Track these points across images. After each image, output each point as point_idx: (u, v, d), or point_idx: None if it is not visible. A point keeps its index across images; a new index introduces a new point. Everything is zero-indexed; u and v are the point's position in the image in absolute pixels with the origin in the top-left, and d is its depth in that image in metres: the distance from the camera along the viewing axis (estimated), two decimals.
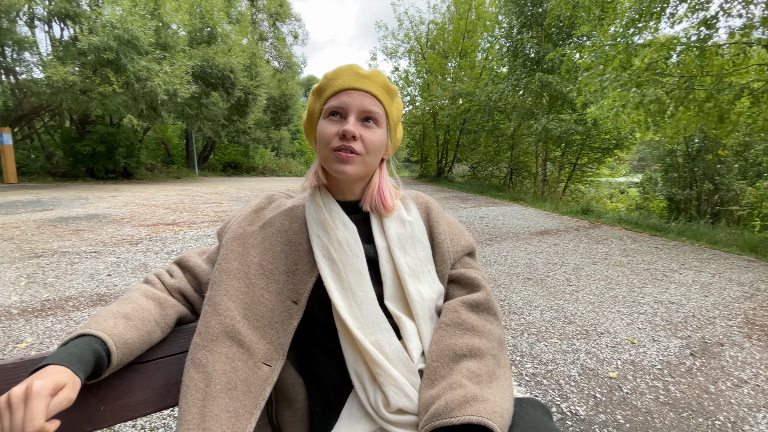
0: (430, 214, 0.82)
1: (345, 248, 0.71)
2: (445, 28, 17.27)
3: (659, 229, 6.19)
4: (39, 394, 0.47)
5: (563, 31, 10.82)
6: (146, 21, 9.44)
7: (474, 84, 14.31)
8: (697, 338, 2.37)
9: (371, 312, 0.68)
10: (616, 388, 1.83)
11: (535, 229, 5.98)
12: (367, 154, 0.71)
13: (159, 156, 19.69)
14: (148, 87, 9.60)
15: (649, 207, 12.14)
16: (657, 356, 2.14)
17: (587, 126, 9.64)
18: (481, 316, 0.71)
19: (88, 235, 4.54)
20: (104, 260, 3.60)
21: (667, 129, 6.32)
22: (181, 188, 10.91)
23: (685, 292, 3.24)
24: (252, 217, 0.79)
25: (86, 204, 6.91)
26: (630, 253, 4.56)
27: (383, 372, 0.62)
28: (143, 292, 0.72)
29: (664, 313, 2.76)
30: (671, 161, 11.36)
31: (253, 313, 0.70)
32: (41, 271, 3.23)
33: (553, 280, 3.45)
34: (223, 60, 12.49)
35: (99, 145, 12.07)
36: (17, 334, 2.20)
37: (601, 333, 2.42)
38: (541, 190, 12.18)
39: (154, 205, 7.08)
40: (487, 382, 0.61)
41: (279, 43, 22.69)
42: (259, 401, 0.66)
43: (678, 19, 5.58)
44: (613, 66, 5.75)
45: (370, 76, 0.72)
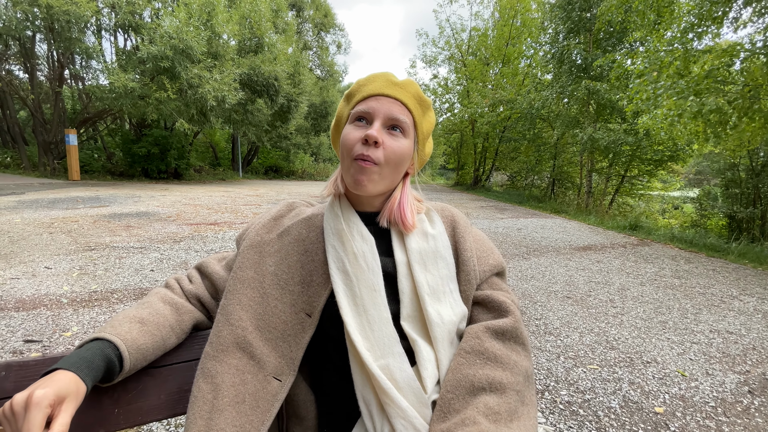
0: (456, 228, 0.77)
1: (360, 261, 0.68)
2: (488, 35, 17.03)
3: (717, 250, 5.68)
4: (38, 404, 0.46)
5: (614, 37, 10.32)
6: (200, 31, 10.03)
7: (516, 91, 13.97)
8: (757, 374, 2.12)
9: (384, 333, 0.64)
10: (662, 425, 1.66)
11: (577, 244, 5.67)
12: (387, 164, 0.67)
13: (207, 159, 20.81)
14: (199, 93, 10.16)
15: (706, 225, 11.23)
16: (710, 392, 1.93)
17: (638, 136, 9.09)
18: (507, 345, 0.65)
19: (137, 231, 4.83)
20: (149, 256, 3.80)
21: (728, 141, 5.82)
22: (225, 190, 11.42)
23: (746, 321, 2.92)
24: (270, 225, 0.77)
25: (138, 202, 7.38)
26: (683, 275, 4.21)
27: (391, 402, 0.58)
28: (162, 297, 0.72)
29: (721, 344, 2.50)
30: (733, 176, 10.45)
31: (266, 324, 0.68)
32: (92, 264, 3.45)
33: (595, 300, 3.24)
34: (269, 68, 13.01)
35: (153, 147, 12.92)
36: (65, 323, 2.35)
37: (647, 362, 2.22)
38: (586, 203, 11.61)
39: (199, 205, 7.43)
40: (506, 421, 0.55)
41: (322, 52, 23.35)
42: (267, 417, 0.64)
43: (742, 24, 5.14)
44: (668, 73, 5.38)
45: (402, 85, 0.69)
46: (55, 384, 0.50)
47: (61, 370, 0.53)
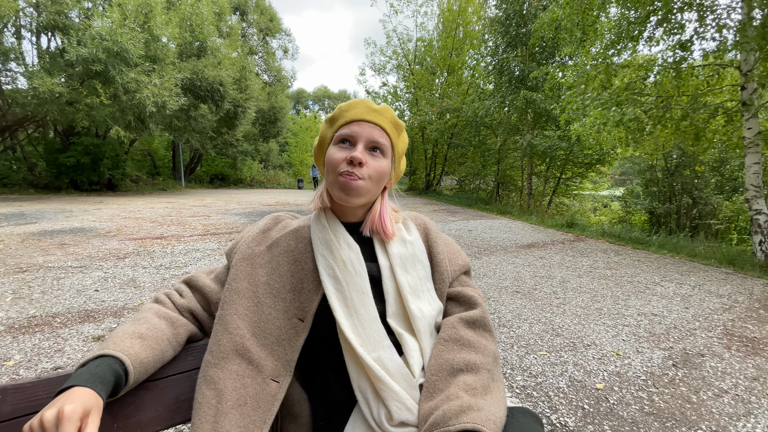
0: (428, 234, 0.88)
1: (349, 268, 0.76)
2: (433, 45, 17.70)
3: (641, 242, 6.37)
4: (70, 418, 0.50)
5: (546, 51, 11.21)
6: (136, 33, 9.45)
7: (461, 100, 14.64)
8: (678, 349, 2.46)
9: (374, 330, 0.72)
10: (603, 399, 1.89)
11: (522, 243, 6.09)
12: (369, 180, 0.76)
13: (145, 168, 19.48)
14: (137, 99, 9.56)
15: (631, 220, 12.48)
16: (641, 367, 2.21)
17: (571, 142, 9.94)
18: (477, 332, 0.76)
19: (74, 249, 4.47)
20: (91, 275, 3.54)
21: (646, 146, 6.57)
22: (167, 201, 10.79)
23: (667, 304, 3.34)
24: (259, 238, 0.83)
25: (71, 217, 6.78)
26: (614, 266, 4.69)
27: (386, 387, 0.66)
28: (156, 312, 0.75)
29: (647, 325, 2.85)
30: (651, 176, 11.75)
31: (262, 331, 0.73)
32: (27, 287, 3.16)
33: (540, 293, 3.53)
34: (213, 73, 12.54)
35: (83, 156, 11.90)
36: (4, 352, 2.16)
37: (587, 345, 2.49)
38: (527, 204, 12.42)
39: (141, 218, 6.99)
40: (482, 394, 0.65)
41: (269, 57, 22.86)
42: (268, 416, 0.69)
43: (655, 42, 5.86)
44: (594, 86, 5.98)
45: (380, 111, 0.78)
46: (79, 399, 0.52)
47: (78, 386, 0.55)
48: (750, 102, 5.13)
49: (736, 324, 2.91)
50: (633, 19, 5.54)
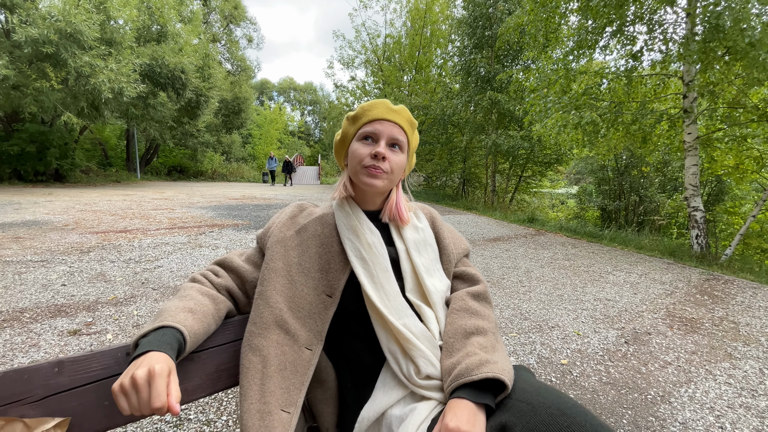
0: (435, 222, 1.00)
1: (374, 250, 0.86)
2: (401, 42, 17.86)
3: (594, 236, 6.89)
4: (161, 374, 0.58)
5: (511, 54, 11.68)
6: (91, 15, 8.86)
7: (429, 98, 14.92)
8: (629, 329, 2.76)
9: (398, 302, 0.83)
10: (567, 373, 2.11)
11: (488, 236, 6.40)
12: (392, 173, 0.87)
13: (95, 158, 18.28)
14: (91, 84, 8.98)
15: (585, 216, 13.33)
16: (598, 345, 2.48)
17: (532, 142, 10.47)
18: (481, 303, 0.89)
19: (31, 242, 4.21)
20: (55, 269, 3.38)
21: (600, 147, 7.09)
22: (124, 193, 10.25)
23: (618, 290, 3.70)
24: (288, 224, 0.92)
25: (20, 209, 6.32)
26: (571, 257, 5.07)
27: (414, 347, 0.78)
28: (198, 289, 0.82)
29: (602, 309, 3.15)
30: (603, 175, 12.60)
31: (296, 305, 0.83)
32: None
33: (508, 282, 3.78)
34: (174, 60, 12.00)
35: (28, 144, 11.04)
36: None
37: (552, 327, 2.73)
38: (491, 200, 12.93)
39: (99, 211, 6.64)
40: (492, 351, 0.79)
41: (232, 46, 22.08)
42: (305, 379, 0.79)
43: (609, 51, 6.33)
44: (555, 90, 6.37)
45: (399, 111, 0.89)
46: (163, 360, 0.60)
47: (153, 351, 0.62)
48: (690, 109, 5.69)
49: (677, 307, 3.29)
50: (591, 29, 5.95)
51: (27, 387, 0.66)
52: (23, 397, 0.65)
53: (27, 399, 0.65)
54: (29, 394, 0.66)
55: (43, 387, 0.67)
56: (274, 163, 19.79)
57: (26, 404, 0.65)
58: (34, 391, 0.66)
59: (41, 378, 0.67)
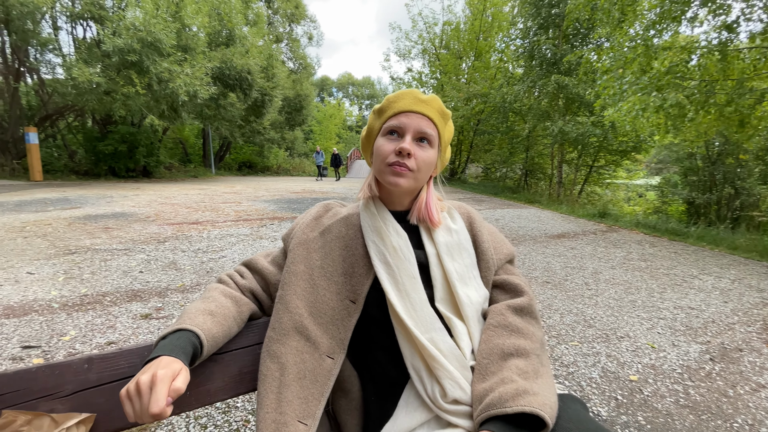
0: (473, 223, 0.89)
1: (399, 254, 0.79)
2: (460, 29, 17.26)
3: (678, 234, 6.13)
4: (163, 380, 0.56)
5: (581, 33, 10.74)
6: (168, 23, 9.69)
7: (489, 85, 14.28)
8: (716, 344, 2.39)
9: (425, 312, 0.75)
10: (636, 391, 1.87)
11: (551, 233, 5.98)
12: (419, 171, 0.78)
13: (177, 155, 20.13)
14: (170, 88, 9.85)
15: (667, 211, 11.97)
16: (677, 360, 2.17)
17: (605, 129, 9.57)
18: (525, 319, 0.77)
19: (117, 233, 4.72)
20: (135, 257, 3.75)
21: (687, 133, 6.26)
22: (199, 187, 11.16)
23: (705, 297, 3.23)
24: (313, 225, 0.87)
25: (112, 202, 7.15)
26: (649, 258, 4.55)
27: (440, 366, 0.70)
28: (222, 291, 0.81)
29: (684, 319, 2.77)
30: (691, 164, 11.18)
31: (317, 311, 0.78)
32: (77, 268, 3.39)
33: (571, 284, 3.48)
34: (241, 61, 12.73)
35: (120, 144, 12.42)
36: (60, 328, 2.34)
37: (621, 337, 2.45)
38: (557, 193, 12.10)
39: (176, 204, 7.28)
40: (533, 378, 0.68)
41: (294, 45, 22.93)
42: (325, 390, 0.74)
43: (699, 22, 5.52)
44: (632, 69, 5.71)
45: (428, 101, 0.79)
46: (168, 366, 0.59)
47: (164, 356, 0.61)
48: None
49: None
50: None
51: (58, 382, 0.68)
52: (54, 392, 0.67)
53: (57, 394, 0.68)
54: (59, 389, 0.68)
55: (73, 383, 0.69)
56: (321, 157, 18.96)
57: (56, 399, 0.67)
58: (65, 387, 0.68)
59: (72, 374, 0.70)
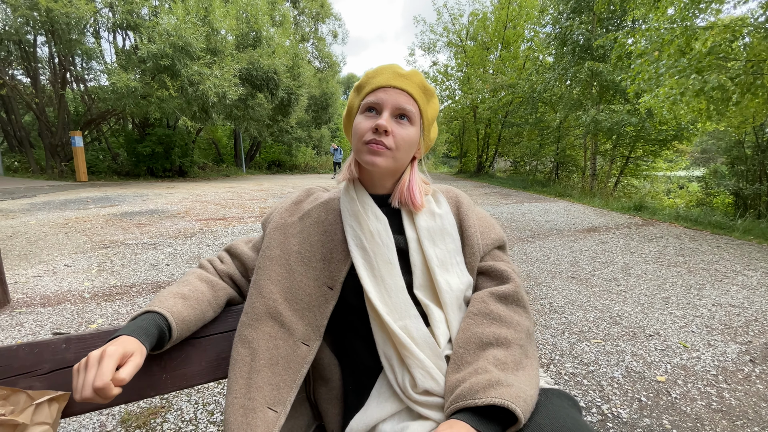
0: (460, 207, 0.84)
1: (376, 239, 0.75)
2: (487, 18, 16.81)
3: (723, 227, 5.70)
4: (111, 355, 0.55)
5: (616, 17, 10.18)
6: (198, 28, 10.03)
7: (517, 75, 13.85)
8: (759, 344, 2.19)
9: (400, 299, 0.71)
10: (663, 393, 1.74)
11: (581, 227, 5.72)
12: (397, 150, 0.74)
13: (210, 155, 20.91)
14: (200, 90, 10.21)
15: (712, 203, 11.19)
16: (712, 361, 2.01)
17: (641, 117, 9.04)
18: (509, 307, 0.72)
19: (149, 228, 4.95)
20: (163, 251, 3.91)
21: (732, 118, 5.79)
22: (230, 186, 11.53)
23: (749, 294, 2.98)
24: (292, 209, 0.85)
25: (147, 200, 7.51)
26: (687, 253, 4.26)
27: (411, 355, 0.66)
28: (198, 275, 0.80)
29: (723, 317, 2.56)
30: (738, 153, 10.37)
31: (293, 297, 0.76)
32: (109, 261, 3.57)
33: (599, 279, 3.31)
34: (268, 62, 12.99)
35: (157, 146, 13.03)
36: (89, 316, 2.46)
37: (649, 335, 2.30)
38: (590, 185, 11.59)
39: (206, 201, 7.54)
40: (513, 369, 0.63)
41: (319, 43, 23.18)
42: (298, 377, 0.72)
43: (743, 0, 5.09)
44: (669, 52, 5.34)
45: (408, 76, 0.75)
46: (122, 343, 0.58)
47: (124, 335, 0.61)
48: None
49: None
50: None
51: (36, 360, 0.70)
52: (32, 370, 0.69)
53: (35, 371, 0.69)
54: (38, 368, 0.70)
55: (51, 361, 0.71)
56: (339, 154, 17.55)
57: (34, 376, 0.69)
58: (42, 365, 0.70)
59: (50, 353, 0.71)
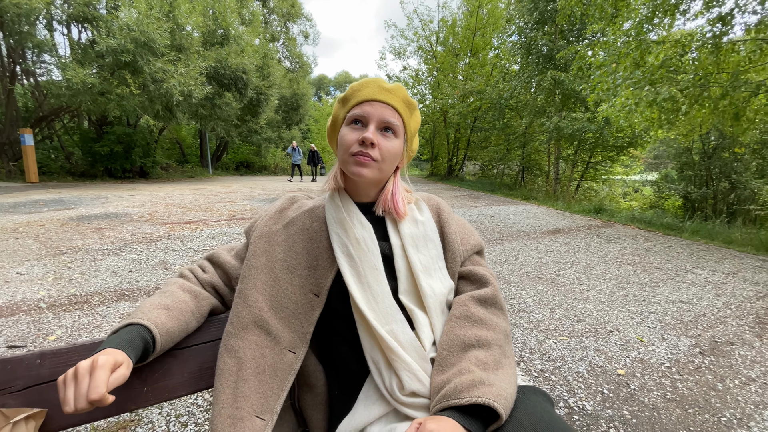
0: (441, 215, 0.88)
1: (362, 246, 0.77)
2: (456, 25, 17.21)
3: (673, 228, 6.12)
4: (103, 366, 0.55)
5: (576, 29, 10.71)
6: (161, 23, 9.64)
7: (485, 82, 14.26)
8: (707, 337, 2.38)
9: (386, 304, 0.74)
10: (623, 385, 1.86)
11: (546, 228, 5.97)
12: (383, 161, 0.77)
13: (174, 156, 20.10)
14: (164, 88, 9.81)
15: (663, 206, 11.97)
16: (666, 354, 2.16)
17: (600, 124, 9.55)
18: (489, 310, 0.76)
19: (110, 233, 4.71)
20: (126, 257, 3.73)
21: (681, 127, 6.24)
22: (195, 187, 11.13)
23: (698, 291, 3.23)
24: (276, 217, 0.86)
25: (106, 203, 7.12)
26: (642, 252, 4.54)
27: (398, 358, 0.68)
28: (180, 285, 0.79)
29: (675, 313, 2.76)
30: (687, 159, 11.17)
31: (279, 305, 0.77)
32: (67, 268, 3.37)
33: (563, 279, 3.47)
34: (236, 61, 12.68)
35: (116, 145, 12.38)
36: (47, 327, 2.32)
37: (610, 331, 2.44)
38: (554, 189, 12.09)
39: (171, 204, 7.26)
40: (493, 369, 0.67)
41: (290, 43, 22.87)
42: (285, 384, 0.73)
43: (693, 16, 5.50)
44: (626, 64, 5.69)
45: (392, 90, 0.78)
46: (112, 354, 0.57)
47: (110, 348, 0.60)
48: None
49: None
50: None
51: (9, 377, 0.67)
52: (4, 387, 0.66)
53: (9, 389, 0.66)
54: (11, 384, 0.67)
55: (25, 378, 0.68)
56: (297, 154, 15.84)
57: (7, 394, 0.66)
58: (16, 382, 0.67)
59: (24, 369, 0.68)
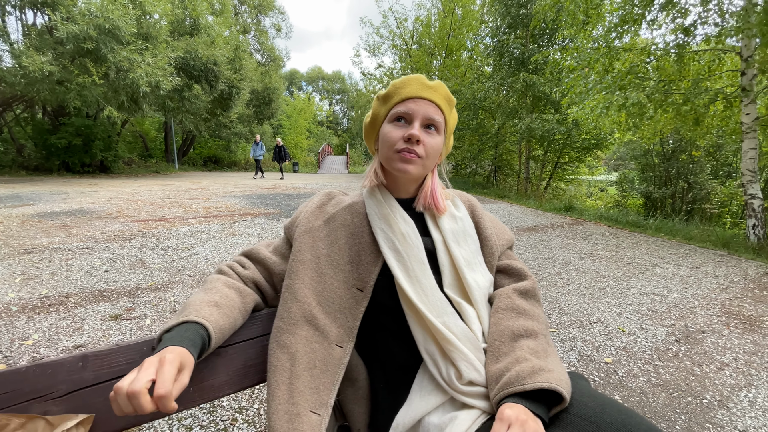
0: (474, 210, 0.91)
1: (408, 240, 0.79)
2: (431, 25, 17.39)
3: (638, 226, 6.49)
4: (171, 362, 0.53)
5: (547, 34, 11.09)
6: (127, 10, 9.15)
7: (459, 82, 14.50)
8: (680, 326, 2.56)
9: (436, 297, 0.75)
10: (612, 372, 1.97)
11: (522, 226, 6.17)
12: (427, 158, 0.78)
13: (136, 150, 19.16)
14: (130, 78, 9.32)
15: (626, 204, 12.65)
16: (646, 343, 2.31)
17: (569, 126, 9.96)
18: (530, 302, 0.80)
19: (77, 230, 4.44)
20: (99, 256, 3.54)
21: (645, 131, 6.62)
22: (163, 183, 10.66)
23: (667, 284, 3.45)
24: (317, 213, 0.85)
25: (68, 199, 6.70)
26: (613, 248, 4.79)
27: (455, 349, 0.70)
28: (224, 282, 0.77)
29: (649, 304, 2.95)
30: (647, 161, 11.86)
31: (325, 300, 0.77)
32: (35, 268, 3.16)
33: (544, 274, 3.61)
34: (207, 52, 12.25)
35: (75, 137, 11.66)
36: (21, 331, 2.17)
37: (594, 323, 2.57)
38: (525, 188, 12.50)
39: (140, 201, 6.93)
40: (544, 357, 0.70)
41: (262, 36, 22.31)
42: (336, 379, 0.73)
43: (657, 25, 5.84)
44: (597, 69, 5.97)
45: (435, 87, 0.79)
46: (176, 351, 0.56)
47: (173, 346, 0.58)
48: (749, 88, 5.18)
49: (733, 303, 3.02)
50: (638, 1, 5.50)
51: (50, 382, 0.63)
52: (46, 393, 0.62)
53: (50, 395, 0.63)
54: (52, 390, 0.63)
55: (67, 382, 0.64)
56: (261, 149, 14.13)
57: (49, 400, 0.63)
58: (58, 387, 0.63)
59: (65, 373, 0.65)
